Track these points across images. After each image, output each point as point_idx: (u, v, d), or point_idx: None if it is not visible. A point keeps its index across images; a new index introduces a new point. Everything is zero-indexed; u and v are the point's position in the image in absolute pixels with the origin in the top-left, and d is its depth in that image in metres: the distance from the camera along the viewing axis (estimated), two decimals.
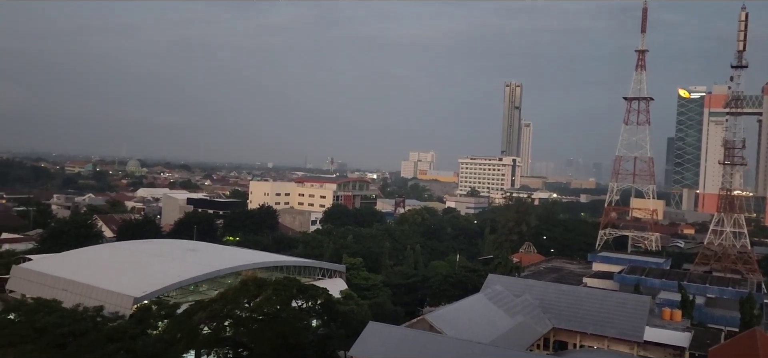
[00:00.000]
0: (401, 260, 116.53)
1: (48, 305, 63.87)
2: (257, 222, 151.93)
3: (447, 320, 54.03)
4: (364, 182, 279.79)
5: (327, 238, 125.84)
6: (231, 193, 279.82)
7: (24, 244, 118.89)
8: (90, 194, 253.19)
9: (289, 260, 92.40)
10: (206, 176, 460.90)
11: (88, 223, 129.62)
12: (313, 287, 64.72)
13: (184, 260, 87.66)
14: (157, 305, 66.23)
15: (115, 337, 59.16)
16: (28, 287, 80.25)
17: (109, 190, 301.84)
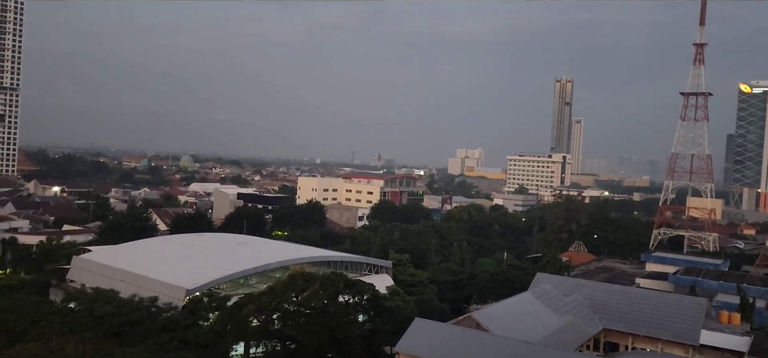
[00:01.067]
0: (448, 257, 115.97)
1: (106, 294, 66.41)
2: (305, 217, 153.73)
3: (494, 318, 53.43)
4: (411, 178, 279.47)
5: (374, 234, 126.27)
6: (280, 188, 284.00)
7: (84, 236, 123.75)
8: (145, 189, 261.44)
9: (336, 256, 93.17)
10: (256, 172, 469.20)
11: (144, 216, 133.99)
12: (360, 283, 65.14)
13: (234, 253, 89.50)
14: (208, 297, 67.97)
15: (169, 327, 61.07)
16: (88, 277, 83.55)
17: (163, 184, 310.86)
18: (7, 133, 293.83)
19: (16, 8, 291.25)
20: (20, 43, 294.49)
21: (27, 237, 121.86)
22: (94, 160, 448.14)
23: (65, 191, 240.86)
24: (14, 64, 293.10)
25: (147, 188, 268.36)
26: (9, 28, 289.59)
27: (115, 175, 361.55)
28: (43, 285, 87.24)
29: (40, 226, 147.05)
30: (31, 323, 58.15)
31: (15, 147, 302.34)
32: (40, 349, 48.66)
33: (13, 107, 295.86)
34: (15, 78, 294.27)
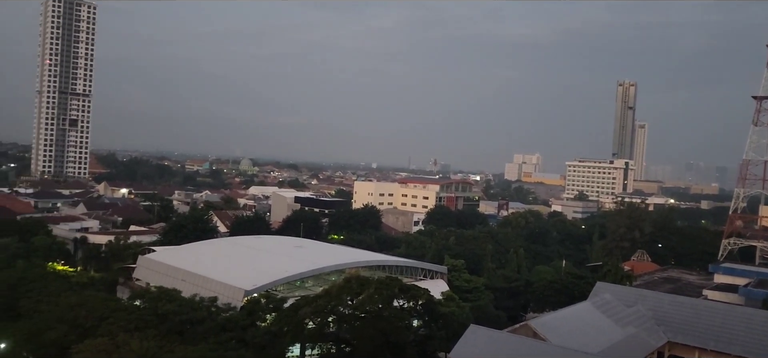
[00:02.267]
0: (504, 264, 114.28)
1: (169, 293, 68.67)
2: (361, 221, 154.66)
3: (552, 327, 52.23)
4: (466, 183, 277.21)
5: (429, 239, 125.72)
6: (336, 192, 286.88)
7: (149, 236, 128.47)
8: (207, 191, 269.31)
9: (391, 260, 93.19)
10: (313, 176, 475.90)
11: (205, 218, 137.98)
12: (415, 288, 64.90)
13: (291, 256, 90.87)
14: (265, 299, 69.22)
15: (228, 327, 62.61)
16: (152, 276, 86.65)
17: (223, 187, 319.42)
18: (79, 137, 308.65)
19: (88, 18, 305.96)
20: (92, 51, 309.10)
21: (97, 237, 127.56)
22: (159, 164, 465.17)
23: (132, 192, 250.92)
24: (87, 72, 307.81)
25: (208, 190, 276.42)
26: (82, 38, 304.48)
27: (179, 178, 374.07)
28: (111, 283, 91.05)
29: (108, 226, 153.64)
30: (100, 319, 60.70)
31: (87, 151, 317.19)
32: (108, 344, 50.75)
33: (85, 113, 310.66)
34: (87, 85, 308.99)
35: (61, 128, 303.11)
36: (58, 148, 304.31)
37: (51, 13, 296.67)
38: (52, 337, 59.03)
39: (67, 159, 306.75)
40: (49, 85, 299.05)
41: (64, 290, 73.16)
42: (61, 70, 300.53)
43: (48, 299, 69.08)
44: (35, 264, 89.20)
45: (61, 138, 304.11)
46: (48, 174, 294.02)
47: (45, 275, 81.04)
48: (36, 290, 72.51)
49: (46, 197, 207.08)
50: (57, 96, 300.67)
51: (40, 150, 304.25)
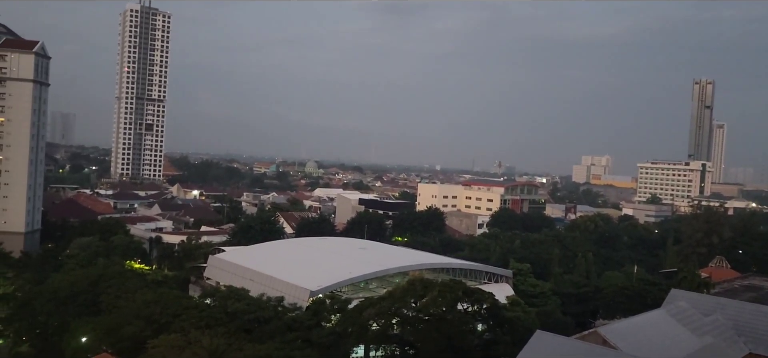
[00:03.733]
0: (571, 269, 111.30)
1: (237, 292, 70.71)
2: (424, 224, 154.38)
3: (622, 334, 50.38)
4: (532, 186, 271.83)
5: (493, 242, 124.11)
6: (400, 194, 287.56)
7: (219, 236, 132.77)
8: (274, 193, 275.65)
9: (455, 263, 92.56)
10: (377, 178, 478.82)
11: (272, 219, 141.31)
12: (479, 291, 64.19)
13: (356, 257, 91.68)
14: (330, 299, 70.15)
15: (294, 326, 63.81)
16: (222, 276, 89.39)
17: (289, 189, 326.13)
18: (155, 141, 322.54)
19: (163, 26, 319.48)
20: (167, 58, 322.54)
21: (170, 236, 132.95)
22: (228, 166, 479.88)
23: (203, 194, 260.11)
24: (161, 78, 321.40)
25: (275, 192, 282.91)
26: (157, 46, 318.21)
27: (247, 180, 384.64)
28: (183, 281, 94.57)
29: (181, 226, 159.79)
30: (173, 315, 63.13)
31: (161, 154, 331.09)
32: (180, 340, 52.71)
33: (160, 117, 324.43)
34: (162, 90, 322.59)
35: (137, 132, 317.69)
36: (135, 151, 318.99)
37: (129, 22, 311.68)
38: (129, 332, 61.89)
39: (143, 162, 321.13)
40: (127, 92, 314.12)
41: (141, 287, 76.58)
42: (138, 77, 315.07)
43: (126, 295, 72.51)
44: (114, 262, 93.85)
45: (137, 142, 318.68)
46: (126, 176, 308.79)
47: (123, 272, 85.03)
48: (115, 286, 76.21)
49: (124, 198, 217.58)
50: (134, 102, 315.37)
51: (118, 153, 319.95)
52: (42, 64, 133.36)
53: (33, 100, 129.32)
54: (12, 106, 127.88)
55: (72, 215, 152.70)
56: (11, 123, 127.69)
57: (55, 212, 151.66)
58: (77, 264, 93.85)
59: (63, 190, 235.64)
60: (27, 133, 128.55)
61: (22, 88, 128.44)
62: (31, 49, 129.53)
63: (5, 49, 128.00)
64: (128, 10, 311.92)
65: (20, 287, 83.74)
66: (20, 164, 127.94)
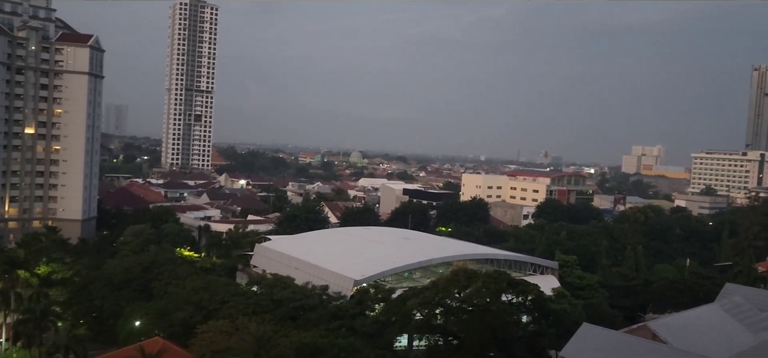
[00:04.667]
0: (620, 261, 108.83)
1: (283, 281, 71.90)
2: (469, 214, 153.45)
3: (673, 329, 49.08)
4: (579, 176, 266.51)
5: (539, 233, 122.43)
6: (444, 185, 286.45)
7: (265, 225, 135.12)
8: (318, 183, 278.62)
9: (499, 254, 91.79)
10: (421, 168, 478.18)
11: (317, 209, 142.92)
12: (524, 283, 63.48)
13: (400, 247, 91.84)
14: (374, 289, 70.54)
15: (338, 315, 64.52)
16: (268, 264, 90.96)
17: (334, 179, 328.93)
18: (203, 131, 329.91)
19: (211, 19, 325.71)
20: (214, 50, 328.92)
21: (218, 225, 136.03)
22: (274, 156, 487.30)
23: (250, 183, 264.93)
24: (210, 70, 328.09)
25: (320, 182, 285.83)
26: (206, 38, 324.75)
27: (292, 170, 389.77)
28: (231, 269, 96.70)
29: (229, 215, 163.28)
30: (221, 302, 64.74)
31: (210, 144, 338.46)
32: (228, 326, 54.02)
33: (208, 108, 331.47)
34: (210, 82, 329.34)
35: (187, 123, 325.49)
36: (185, 141, 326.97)
37: (178, 16, 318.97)
38: (179, 317, 63.80)
39: (192, 152, 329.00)
40: (176, 83, 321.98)
41: (190, 274, 78.72)
42: (187, 69, 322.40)
43: (176, 281, 74.71)
44: (165, 249, 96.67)
45: (187, 132, 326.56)
46: (176, 166, 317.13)
47: (173, 259, 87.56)
48: (166, 273, 78.58)
49: (175, 188, 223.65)
50: (183, 93, 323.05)
51: (168, 143, 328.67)
52: (96, 58, 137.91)
53: (88, 93, 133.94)
54: (69, 98, 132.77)
55: (125, 203, 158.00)
56: (68, 115, 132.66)
57: (110, 201, 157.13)
58: (130, 251, 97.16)
59: (117, 179, 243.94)
60: (83, 125, 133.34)
61: (78, 80, 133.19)
62: (86, 43, 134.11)
63: (62, 44, 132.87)
64: (178, 3, 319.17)
65: (78, 272, 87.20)
66: (77, 155, 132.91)
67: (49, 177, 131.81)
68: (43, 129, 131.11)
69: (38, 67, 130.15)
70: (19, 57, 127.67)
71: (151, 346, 53.92)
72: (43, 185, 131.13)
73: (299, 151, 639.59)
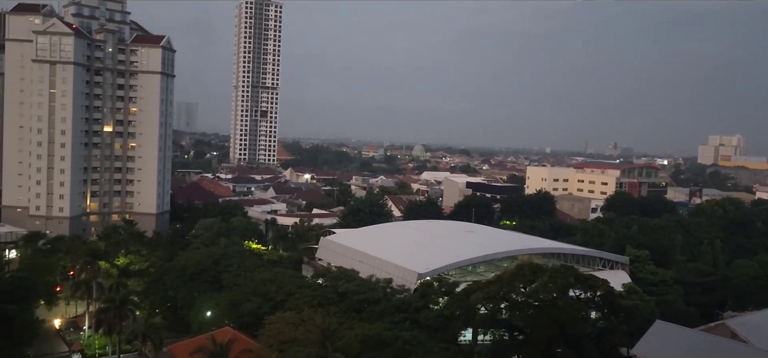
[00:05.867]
0: (696, 256, 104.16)
1: (348, 273, 72.76)
2: (534, 207, 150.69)
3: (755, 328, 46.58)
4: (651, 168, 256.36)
5: (608, 227, 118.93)
6: (508, 178, 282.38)
7: (329, 219, 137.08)
8: (382, 176, 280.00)
9: (566, 248, 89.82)
10: (484, 161, 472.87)
11: (380, 202, 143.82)
12: (593, 278, 61.78)
13: (463, 241, 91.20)
14: (438, 282, 70.37)
15: (402, 307, 64.75)
16: (333, 257, 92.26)
17: (397, 172, 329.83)
18: (269, 127, 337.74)
19: (275, 17, 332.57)
20: (279, 47, 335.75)
21: (284, 218, 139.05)
22: (338, 150, 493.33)
23: (314, 178, 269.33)
24: (275, 67, 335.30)
25: (383, 175, 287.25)
26: (271, 35, 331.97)
27: (356, 164, 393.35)
28: (297, 261, 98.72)
29: (294, 209, 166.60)
30: (288, 294, 66.18)
31: (275, 139, 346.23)
32: (295, 318, 55.16)
33: (273, 104, 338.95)
34: (275, 78, 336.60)
35: (253, 119, 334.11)
36: (252, 137, 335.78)
37: (244, 14, 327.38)
38: (248, 308, 65.66)
39: (258, 147, 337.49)
40: (243, 81, 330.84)
41: (258, 266, 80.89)
42: (253, 66, 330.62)
43: (244, 273, 76.96)
44: (234, 242, 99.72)
45: (253, 128, 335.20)
46: (243, 161, 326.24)
47: (242, 252, 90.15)
48: (235, 265, 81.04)
49: (242, 182, 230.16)
50: (250, 90, 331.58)
51: (236, 139, 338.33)
52: (168, 58, 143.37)
53: (161, 91, 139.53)
54: (143, 97, 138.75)
55: (196, 197, 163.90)
56: (143, 113, 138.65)
57: (182, 195, 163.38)
58: (201, 243, 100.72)
59: (188, 174, 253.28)
60: (156, 122, 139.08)
61: (151, 80, 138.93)
62: (158, 44, 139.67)
63: (136, 45, 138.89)
64: (244, 2, 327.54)
65: (153, 264, 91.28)
66: (151, 151, 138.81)
67: (126, 173, 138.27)
68: (120, 127, 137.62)
69: (115, 67, 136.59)
70: (97, 58, 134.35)
71: (222, 335, 55.76)
72: (120, 180, 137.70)
73: (362, 145, 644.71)
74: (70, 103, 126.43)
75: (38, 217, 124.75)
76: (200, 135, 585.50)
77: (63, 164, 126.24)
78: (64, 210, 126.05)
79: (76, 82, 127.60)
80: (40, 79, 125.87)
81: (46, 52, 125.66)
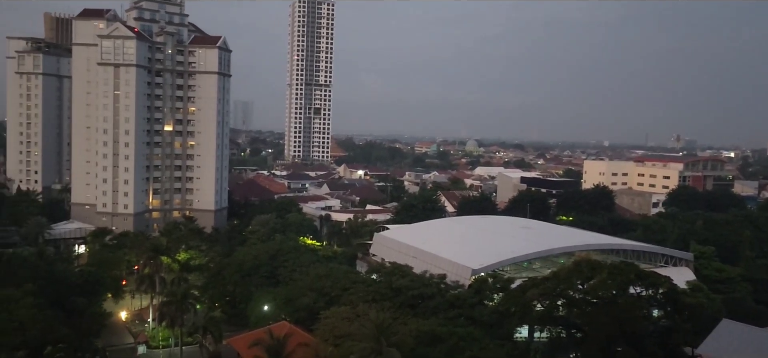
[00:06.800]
0: (766, 252, 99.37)
1: (401, 269, 72.85)
2: (591, 202, 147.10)
3: None
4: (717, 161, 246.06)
5: (671, 222, 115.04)
6: (564, 172, 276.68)
7: (383, 215, 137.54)
8: (435, 172, 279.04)
9: (626, 244, 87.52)
10: (539, 156, 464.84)
11: (433, 198, 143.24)
12: (654, 275, 59.90)
13: (518, 236, 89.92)
14: (492, 278, 69.62)
15: (456, 303, 64.39)
16: (386, 252, 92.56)
17: (450, 168, 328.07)
18: (322, 124, 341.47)
19: (328, 15, 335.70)
20: (332, 44, 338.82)
21: (338, 214, 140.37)
22: (391, 146, 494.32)
23: (368, 174, 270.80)
24: (328, 64, 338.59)
25: (436, 171, 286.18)
26: (323, 33, 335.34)
27: (409, 160, 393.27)
28: (351, 257, 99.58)
29: (348, 205, 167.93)
30: (343, 289, 66.82)
31: (329, 136, 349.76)
32: (349, 313, 55.68)
33: (326, 102, 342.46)
34: (328, 76, 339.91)
35: (307, 117, 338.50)
36: (305, 134, 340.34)
37: (297, 13, 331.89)
38: (304, 302, 66.65)
39: (312, 144, 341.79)
40: (297, 79, 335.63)
41: (313, 261, 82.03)
42: (306, 65, 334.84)
43: (300, 269, 78.17)
44: (289, 238, 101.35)
45: (307, 125, 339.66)
46: (297, 158, 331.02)
47: (297, 247, 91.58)
48: (291, 260, 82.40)
49: (297, 179, 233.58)
50: (303, 88, 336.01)
51: (290, 136, 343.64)
52: (224, 58, 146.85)
53: (218, 91, 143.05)
54: (201, 96, 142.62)
55: (252, 194, 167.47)
56: (201, 112, 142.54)
57: (238, 192, 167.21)
58: (258, 239, 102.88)
59: (244, 171, 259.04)
60: (213, 121, 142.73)
61: (209, 80, 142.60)
62: (214, 45, 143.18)
63: (194, 46, 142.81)
64: (297, 1, 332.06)
65: (212, 259, 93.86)
66: (209, 149, 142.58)
67: (186, 171, 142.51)
68: (179, 126, 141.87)
69: (174, 68, 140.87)
70: (157, 60, 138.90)
71: (279, 329, 56.80)
72: (180, 178, 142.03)
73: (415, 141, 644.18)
74: (133, 104, 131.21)
75: (105, 214, 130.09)
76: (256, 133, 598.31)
77: (127, 163, 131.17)
78: (128, 207, 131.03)
79: (139, 84, 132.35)
80: (105, 82, 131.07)
81: (111, 55, 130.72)
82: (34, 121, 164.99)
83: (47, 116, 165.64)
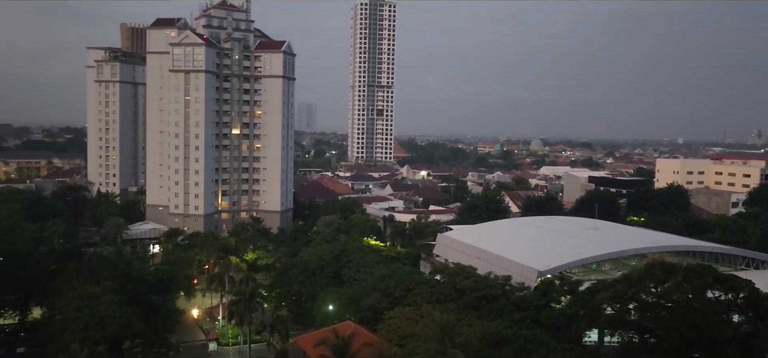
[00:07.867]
0: None
1: (465, 270, 72.16)
2: (665, 202, 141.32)
3: None
4: None
5: (752, 223, 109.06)
6: (635, 171, 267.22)
7: (446, 215, 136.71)
8: (498, 172, 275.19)
9: (702, 245, 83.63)
10: (608, 154, 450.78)
11: (497, 198, 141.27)
12: (734, 278, 56.75)
13: (586, 237, 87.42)
14: (559, 280, 67.94)
15: (522, 306, 63.21)
16: (450, 253, 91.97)
17: (514, 168, 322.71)
18: (385, 125, 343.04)
19: (389, 16, 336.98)
20: (394, 45, 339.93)
21: (401, 215, 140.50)
22: (453, 147, 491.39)
23: (430, 174, 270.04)
24: (390, 65, 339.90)
25: (500, 171, 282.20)
26: (385, 35, 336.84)
27: (472, 160, 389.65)
28: (414, 257, 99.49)
29: (411, 205, 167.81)
30: (406, 289, 66.81)
31: (391, 137, 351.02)
32: (413, 313, 55.57)
33: (389, 103, 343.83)
34: (390, 77, 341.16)
35: (370, 118, 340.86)
36: (368, 135, 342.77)
37: (359, 15, 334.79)
38: (368, 302, 67.06)
39: (375, 145, 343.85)
40: (359, 80, 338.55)
41: (377, 262, 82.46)
42: (368, 66, 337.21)
43: (364, 269, 78.79)
44: (353, 238, 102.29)
45: (370, 126, 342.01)
46: (361, 159, 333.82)
47: (361, 248, 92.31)
48: (355, 261, 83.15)
49: (360, 180, 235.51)
50: (366, 89, 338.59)
51: (354, 138, 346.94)
52: (289, 62, 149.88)
53: (282, 94, 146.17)
54: (266, 100, 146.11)
55: (317, 195, 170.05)
56: (266, 115, 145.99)
57: (303, 193, 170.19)
58: (323, 240, 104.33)
59: (309, 173, 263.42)
60: (279, 124, 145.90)
61: (274, 84, 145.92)
62: (279, 49, 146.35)
63: (260, 51, 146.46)
64: (358, 3, 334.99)
65: (278, 259, 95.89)
66: (275, 151, 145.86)
67: (253, 172, 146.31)
68: (246, 129, 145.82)
69: (241, 73, 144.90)
70: (225, 66, 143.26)
71: (344, 329, 57.37)
72: (247, 179, 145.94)
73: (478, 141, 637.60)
74: (202, 109, 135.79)
75: (177, 215, 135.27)
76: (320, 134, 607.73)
77: (197, 166, 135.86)
78: (199, 208, 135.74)
79: (208, 89, 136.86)
80: (177, 88, 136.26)
81: (181, 62, 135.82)
82: (112, 127, 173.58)
83: (124, 122, 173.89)
